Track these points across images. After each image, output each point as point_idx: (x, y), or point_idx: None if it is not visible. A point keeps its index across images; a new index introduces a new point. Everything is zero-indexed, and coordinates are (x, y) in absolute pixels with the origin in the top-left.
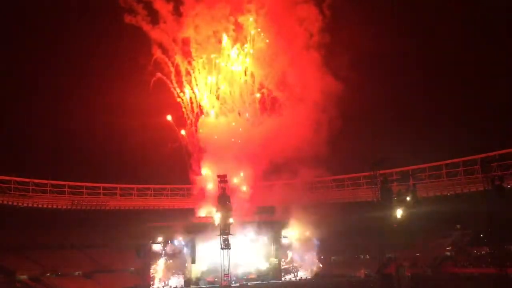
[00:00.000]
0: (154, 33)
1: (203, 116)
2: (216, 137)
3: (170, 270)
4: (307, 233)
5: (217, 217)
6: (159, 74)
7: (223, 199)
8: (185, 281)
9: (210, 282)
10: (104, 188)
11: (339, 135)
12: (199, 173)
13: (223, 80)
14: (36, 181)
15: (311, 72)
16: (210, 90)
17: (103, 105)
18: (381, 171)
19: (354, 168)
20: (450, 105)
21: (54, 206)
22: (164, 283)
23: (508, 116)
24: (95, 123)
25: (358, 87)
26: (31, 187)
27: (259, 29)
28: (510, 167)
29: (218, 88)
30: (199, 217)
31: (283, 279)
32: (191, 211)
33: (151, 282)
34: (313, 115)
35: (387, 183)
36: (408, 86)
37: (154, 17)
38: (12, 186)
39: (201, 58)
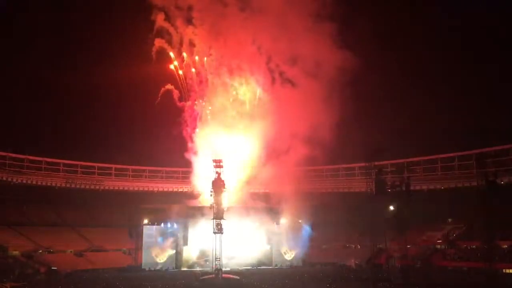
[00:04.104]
0: None
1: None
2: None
3: (162, 252)
4: (300, 221)
5: (211, 201)
6: (160, 41)
7: (218, 183)
8: (176, 264)
9: (201, 265)
10: (99, 168)
11: (344, 120)
12: (197, 153)
13: (229, 51)
14: (31, 157)
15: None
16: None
17: (101, 80)
18: (376, 163)
19: (349, 157)
20: (448, 99)
21: (48, 184)
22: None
23: (505, 113)
24: (93, 99)
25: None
26: (25, 164)
27: None
28: (505, 164)
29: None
30: (193, 200)
31: (274, 265)
32: (186, 194)
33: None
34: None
35: (382, 174)
36: (409, 75)
37: None
38: (7, 162)
39: (205, 25)
